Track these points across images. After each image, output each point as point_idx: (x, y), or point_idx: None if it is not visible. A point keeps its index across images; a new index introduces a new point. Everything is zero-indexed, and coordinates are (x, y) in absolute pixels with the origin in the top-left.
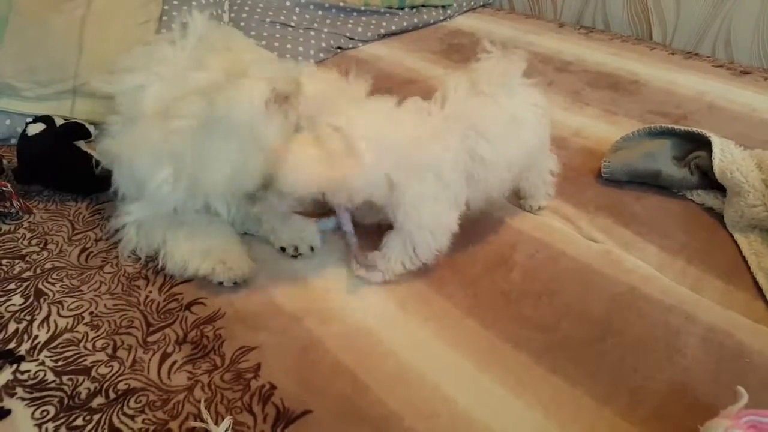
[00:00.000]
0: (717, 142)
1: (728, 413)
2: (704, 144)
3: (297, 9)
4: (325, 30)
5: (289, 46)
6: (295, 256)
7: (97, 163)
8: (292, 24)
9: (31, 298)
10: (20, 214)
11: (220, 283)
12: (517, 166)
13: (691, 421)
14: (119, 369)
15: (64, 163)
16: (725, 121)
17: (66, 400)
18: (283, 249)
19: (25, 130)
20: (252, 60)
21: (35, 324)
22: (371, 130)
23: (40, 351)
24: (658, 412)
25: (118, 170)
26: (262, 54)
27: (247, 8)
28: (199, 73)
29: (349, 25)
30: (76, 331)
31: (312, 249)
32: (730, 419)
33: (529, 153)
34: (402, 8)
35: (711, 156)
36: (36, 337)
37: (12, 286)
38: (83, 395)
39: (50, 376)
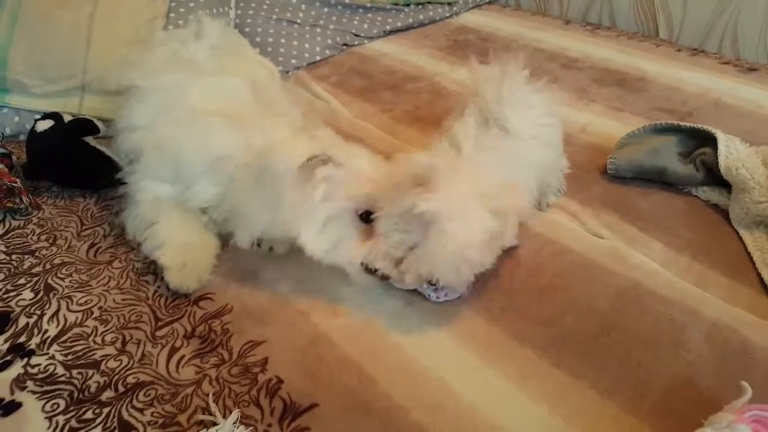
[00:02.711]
0: (722, 139)
1: (732, 408)
2: (710, 140)
3: (303, 6)
4: (331, 27)
5: (295, 43)
6: (257, 245)
7: (117, 167)
8: (298, 21)
9: (41, 293)
10: (29, 209)
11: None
12: (537, 187)
13: (694, 416)
14: (128, 363)
15: (72, 159)
16: (731, 118)
17: (76, 394)
18: None
19: (33, 127)
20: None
21: (45, 318)
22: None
23: (50, 345)
24: (662, 406)
25: (156, 155)
26: (266, 64)
27: (253, 5)
28: (231, 79)
29: (355, 22)
30: (86, 326)
31: (271, 249)
32: (733, 414)
33: (545, 167)
34: (408, 5)
35: (716, 152)
36: (46, 331)
37: (22, 281)
38: (93, 389)
39: (60, 370)
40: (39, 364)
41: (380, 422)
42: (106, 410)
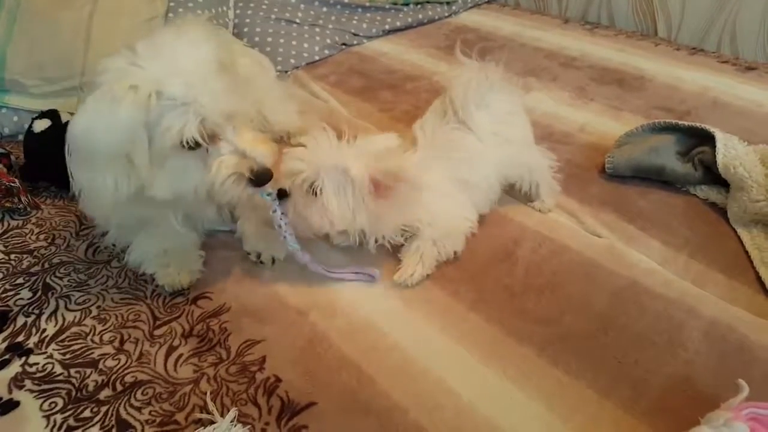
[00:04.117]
0: (720, 138)
1: (729, 406)
2: (708, 139)
3: (302, 5)
4: (330, 26)
5: (294, 42)
6: (260, 261)
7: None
8: (297, 20)
9: (39, 292)
10: (28, 209)
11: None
12: (497, 178)
13: (692, 414)
14: (126, 362)
15: None
16: (730, 116)
17: (74, 393)
18: (248, 253)
19: (31, 127)
20: None
21: (43, 318)
22: None
23: (48, 344)
24: (659, 404)
25: None
26: (255, 56)
27: (252, 5)
28: None
29: (354, 22)
30: (84, 325)
31: (273, 261)
32: (730, 411)
33: (507, 162)
34: (407, 4)
35: (715, 151)
36: (44, 330)
37: (20, 280)
38: (91, 387)
39: (58, 369)
40: (37, 363)
41: (379, 421)
42: (104, 409)
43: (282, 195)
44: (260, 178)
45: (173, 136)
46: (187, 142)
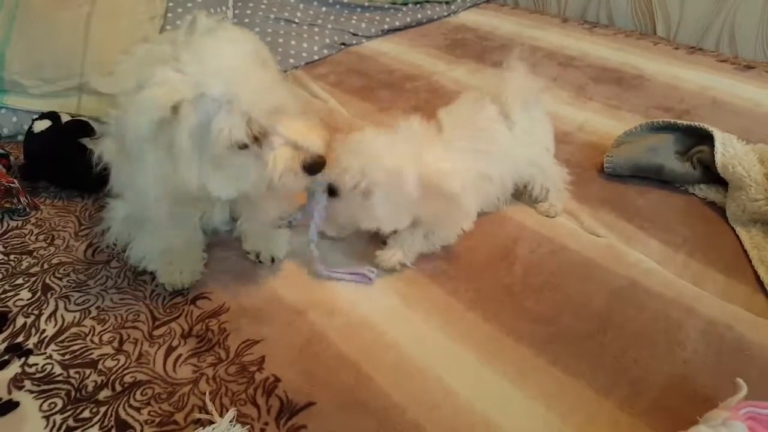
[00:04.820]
0: (719, 137)
1: (727, 405)
2: (707, 138)
3: (301, 5)
4: (329, 26)
5: (293, 42)
6: (258, 260)
7: (97, 162)
8: (296, 20)
9: (39, 293)
10: (27, 210)
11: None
12: (512, 177)
13: (690, 413)
14: (125, 362)
15: (68, 161)
16: (729, 115)
17: (73, 393)
18: (247, 253)
19: (31, 127)
20: None
21: (42, 318)
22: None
23: (48, 345)
24: (658, 403)
25: (116, 173)
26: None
27: (251, 4)
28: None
29: (353, 21)
30: (83, 325)
31: (273, 260)
32: (729, 411)
33: (528, 161)
34: (405, 4)
35: (713, 150)
36: (43, 331)
37: (20, 281)
38: (90, 388)
39: (57, 370)
40: (36, 364)
41: (377, 421)
42: (103, 409)
43: (332, 192)
44: (314, 168)
45: (224, 138)
46: (237, 143)
